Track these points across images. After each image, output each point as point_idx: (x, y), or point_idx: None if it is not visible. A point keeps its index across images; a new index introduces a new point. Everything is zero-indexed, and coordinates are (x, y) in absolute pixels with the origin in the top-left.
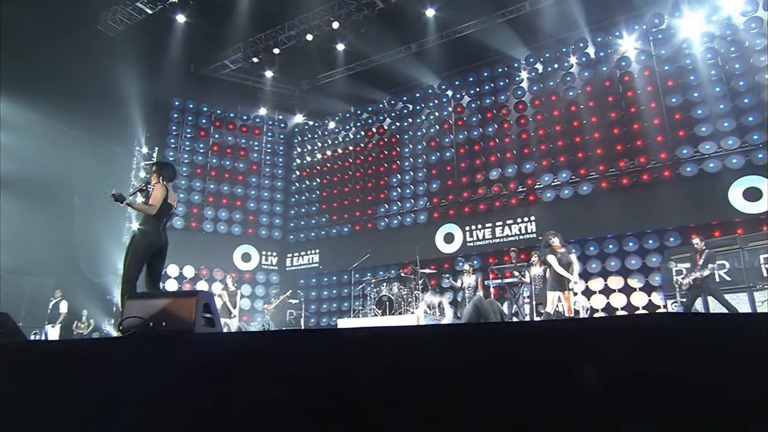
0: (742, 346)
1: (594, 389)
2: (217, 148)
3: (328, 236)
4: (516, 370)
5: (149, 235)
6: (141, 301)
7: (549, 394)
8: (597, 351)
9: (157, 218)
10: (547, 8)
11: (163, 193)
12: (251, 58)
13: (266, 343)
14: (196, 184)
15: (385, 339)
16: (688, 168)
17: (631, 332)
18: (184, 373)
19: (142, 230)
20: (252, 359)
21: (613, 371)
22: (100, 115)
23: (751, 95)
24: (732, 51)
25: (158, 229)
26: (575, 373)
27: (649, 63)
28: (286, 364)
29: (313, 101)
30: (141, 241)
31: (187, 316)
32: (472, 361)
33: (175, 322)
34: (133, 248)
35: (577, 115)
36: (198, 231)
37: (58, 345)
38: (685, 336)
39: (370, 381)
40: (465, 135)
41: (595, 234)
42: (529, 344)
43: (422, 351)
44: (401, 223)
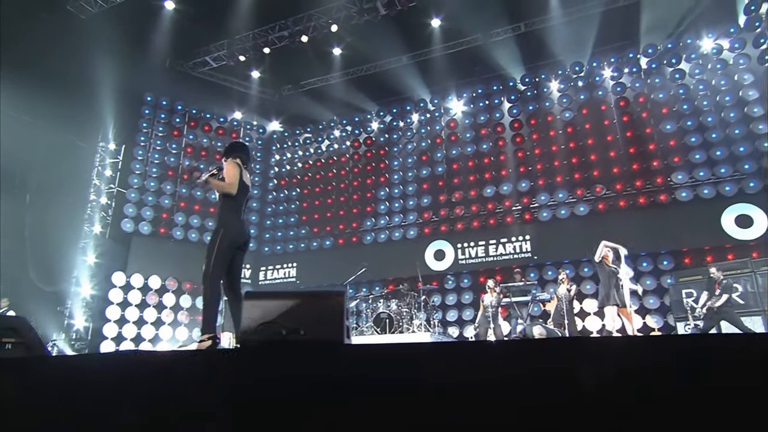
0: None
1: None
2: (190, 150)
3: (308, 249)
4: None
5: (234, 225)
6: (267, 303)
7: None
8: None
9: (237, 203)
10: (543, 31)
11: (236, 169)
12: (237, 56)
13: (442, 355)
14: (167, 186)
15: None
16: (683, 193)
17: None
18: (337, 398)
19: (225, 220)
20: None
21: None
22: (63, 105)
23: (741, 126)
24: (722, 84)
25: (241, 217)
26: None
27: (644, 90)
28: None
29: (294, 107)
30: (226, 233)
31: (334, 322)
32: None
33: (317, 330)
34: (219, 242)
35: (573, 136)
36: (167, 238)
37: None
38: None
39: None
40: (458, 150)
41: (591, 255)
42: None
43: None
44: (389, 237)
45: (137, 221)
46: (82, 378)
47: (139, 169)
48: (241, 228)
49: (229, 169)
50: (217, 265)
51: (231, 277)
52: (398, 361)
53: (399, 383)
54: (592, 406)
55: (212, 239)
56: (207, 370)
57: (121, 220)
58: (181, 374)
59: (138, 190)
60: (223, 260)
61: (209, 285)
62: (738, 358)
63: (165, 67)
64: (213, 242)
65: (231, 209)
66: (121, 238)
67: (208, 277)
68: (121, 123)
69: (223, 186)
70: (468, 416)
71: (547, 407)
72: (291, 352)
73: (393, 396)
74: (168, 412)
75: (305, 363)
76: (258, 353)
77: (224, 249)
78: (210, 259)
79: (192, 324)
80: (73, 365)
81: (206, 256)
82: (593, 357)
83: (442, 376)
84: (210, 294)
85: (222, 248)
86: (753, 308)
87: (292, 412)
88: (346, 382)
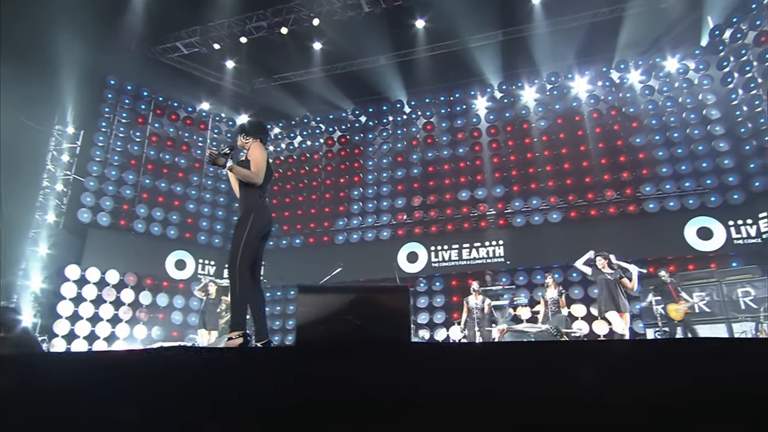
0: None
1: None
2: (155, 139)
3: (277, 248)
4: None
5: (263, 212)
6: (325, 298)
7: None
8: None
9: (263, 189)
10: (523, 39)
11: (264, 153)
12: (211, 44)
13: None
14: (129, 176)
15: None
16: (651, 204)
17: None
18: (405, 403)
19: (254, 206)
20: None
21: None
22: (17, 81)
23: (704, 143)
24: (688, 102)
25: (266, 203)
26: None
27: (615, 103)
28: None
29: (266, 101)
30: (256, 221)
31: (400, 319)
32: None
33: (381, 328)
34: (248, 230)
35: (548, 144)
36: (127, 230)
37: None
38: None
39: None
40: (434, 153)
41: (563, 261)
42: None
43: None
44: (362, 238)
45: (95, 211)
46: (111, 379)
47: (99, 156)
48: (268, 215)
49: (257, 153)
50: (246, 256)
51: (253, 269)
52: (476, 363)
53: (481, 389)
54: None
55: (240, 228)
56: (266, 369)
57: (77, 210)
58: (231, 373)
59: (97, 179)
60: (252, 250)
61: (238, 277)
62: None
63: (131, 51)
64: (241, 231)
65: (258, 194)
66: (76, 228)
67: (236, 269)
68: (81, 106)
69: (249, 175)
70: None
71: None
72: (355, 350)
73: (472, 403)
74: (220, 416)
75: (370, 363)
76: (320, 352)
77: (253, 238)
78: (238, 250)
79: (152, 322)
80: (102, 363)
81: (233, 246)
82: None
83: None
84: (240, 287)
85: (251, 237)
86: (718, 316)
87: (357, 415)
88: (413, 384)
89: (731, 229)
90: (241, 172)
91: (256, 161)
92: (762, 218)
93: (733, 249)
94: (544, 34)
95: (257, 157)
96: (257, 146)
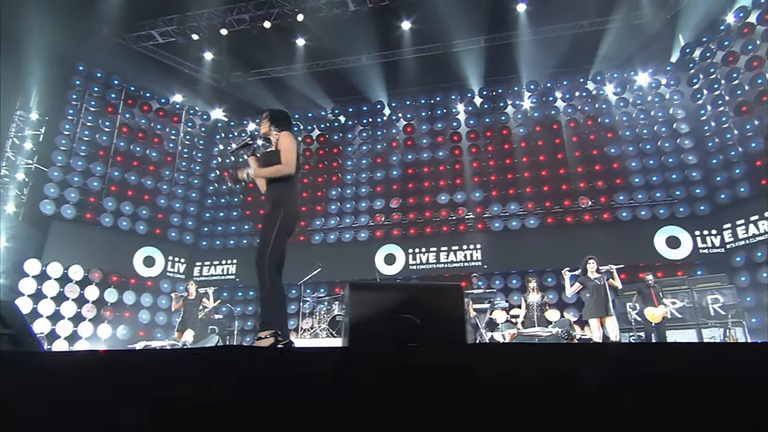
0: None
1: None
2: (126, 130)
3: (251, 246)
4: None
5: (293, 205)
6: (380, 295)
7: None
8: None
9: (293, 181)
10: (505, 46)
11: (295, 145)
12: (190, 34)
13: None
14: (97, 168)
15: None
16: (624, 213)
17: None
18: (465, 410)
19: (284, 198)
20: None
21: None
22: None
23: (674, 156)
24: (660, 115)
25: (296, 195)
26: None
27: (591, 114)
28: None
29: (243, 95)
30: (287, 214)
31: (455, 319)
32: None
33: (436, 326)
34: (279, 224)
35: (527, 151)
36: (93, 224)
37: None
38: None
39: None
40: (414, 156)
41: (538, 267)
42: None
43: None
44: (339, 238)
45: (59, 203)
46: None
47: (64, 145)
48: (298, 209)
49: (288, 144)
50: (276, 251)
51: (280, 266)
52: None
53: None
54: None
55: (270, 221)
56: (321, 369)
57: (39, 201)
58: (278, 375)
59: (62, 169)
60: (282, 245)
61: (268, 274)
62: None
63: (102, 36)
64: (271, 224)
65: (289, 186)
66: (38, 221)
67: (265, 266)
68: (46, 91)
69: (280, 170)
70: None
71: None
72: (412, 351)
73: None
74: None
75: (425, 364)
76: (380, 351)
77: (283, 233)
78: (268, 245)
79: (117, 321)
80: (156, 361)
81: (262, 241)
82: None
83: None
84: (270, 284)
85: (281, 232)
86: (689, 322)
87: (429, 417)
88: (472, 388)
89: (697, 239)
90: (265, 172)
91: (288, 152)
92: (726, 229)
93: (698, 258)
94: (525, 42)
95: (289, 148)
96: (288, 136)
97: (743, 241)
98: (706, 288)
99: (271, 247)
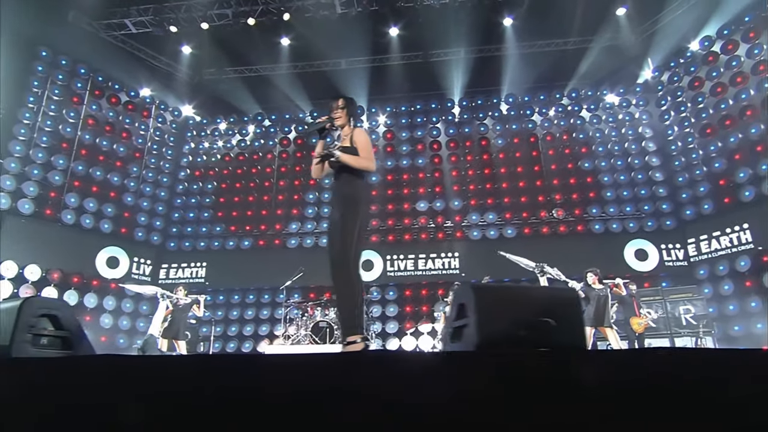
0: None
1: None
2: (92, 122)
3: (223, 249)
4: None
5: (369, 203)
6: (510, 296)
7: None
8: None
9: (368, 177)
10: (487, 59)
11: (369, 139)
12: (167, 26)
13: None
14: (59, 161)
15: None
16: (596, 225)
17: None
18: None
19: (363, 195)
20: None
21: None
22: None
23: (642, 172)
24: (630, 133)
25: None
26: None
27: (567, 129)
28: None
29: (218, 93)
30: (366, 211)
31: (575, 324)
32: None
33: (559, 331)
34: (360, 221)
35: (505, 162)
36: (53, 221)
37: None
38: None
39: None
40: (394, 162)
41: (513, 276)
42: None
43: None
44: (316, 243)
45: (16, 197)
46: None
47: (24, 135)
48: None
49: (367, 141)
50: (358, 250)
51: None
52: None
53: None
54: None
55: (350, 218)
56: (448, 372)
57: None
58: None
59: (20, 160)
60: (362, 244)
61: (352, 274)
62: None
63: (69, 22)
64: (352, 222)
65: (365, 183)
66: None
67: (349, 266)
68: (4, 75)
69: (366, 164)
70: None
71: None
72: (550, 354)
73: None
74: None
75: (550, 369)
76: (517, 354)
77: (363, 230)
78: (351, 244)
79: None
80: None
81: (344, 240)
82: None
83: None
84: (356, 285)
85: (362, 229)
86: (662, 331)
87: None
88: (602, 397)
89: (663, 252)
90: (355, 161)
91: (367, 147)
92: (690, 243)
93: (664, 270)
94: (507, 56)
95: (367, 143)
96: (364, 132)
97: (706, 255)
98: (678, 299)
99: (354, 245)
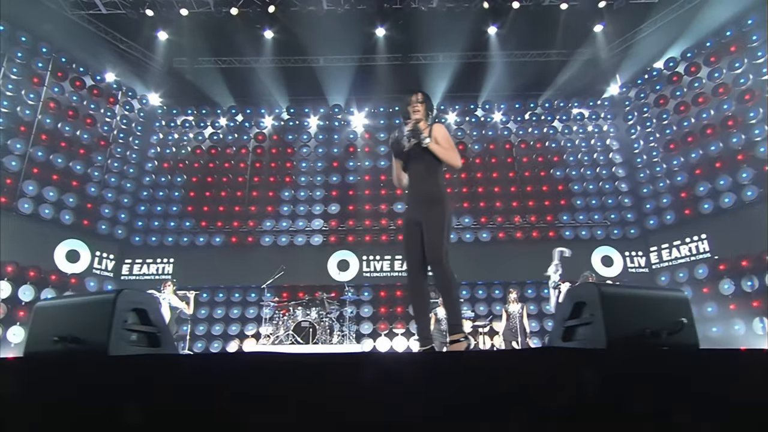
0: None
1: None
2: (53, 106)
3: (192, 244)
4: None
5: (450, 197)
6: (634, 296)
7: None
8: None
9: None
10: (466, 65)
11: (449, 134)
12: (143, 10)
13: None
14: (17, 145)
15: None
16: (567, 232)
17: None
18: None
19: (444, 191)
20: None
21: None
22: None
23: (609, 182)
24: (599, 145)
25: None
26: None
27: (540, 137)
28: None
29: (190, 83)
30: (450, 209)
31: (689, 325)
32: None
33: (683, 333)
34: (447, 218)
35: (481, 167)
36: (8, 209)
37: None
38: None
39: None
40: (372, 163)
41: (488, 278)
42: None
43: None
44: (291, 242)
45: None
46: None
47: None
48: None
49: (445, 134)
50: (447, 244)
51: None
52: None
53: None
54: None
55: (437, 219)
56: (568, 370)
57: None
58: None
59: None
60: (449, 242)
61: (450, 271)
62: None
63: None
64: (440, 218)
65: (441, 176)
66: None
67: (444, 263)
68: None
69: (458, 161)
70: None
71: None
72: (659, 357)
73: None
74: None
75: (668, 371)
76: (649, 356)
77: (450, 229)
78: (442, 240)
79: (7, 320)
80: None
81: (434, 237)
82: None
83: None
84: (455, 282)
85: (449, 228)
86: None
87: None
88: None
89: (627, 259)
90: (447, 154)
91: (449, 142)
92: (652, 251)
93: (627, 276)
94: (488, 64)
95: (449, 138)
96: (442, 126)
97: (667, 263)
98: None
99: (446, 241)
